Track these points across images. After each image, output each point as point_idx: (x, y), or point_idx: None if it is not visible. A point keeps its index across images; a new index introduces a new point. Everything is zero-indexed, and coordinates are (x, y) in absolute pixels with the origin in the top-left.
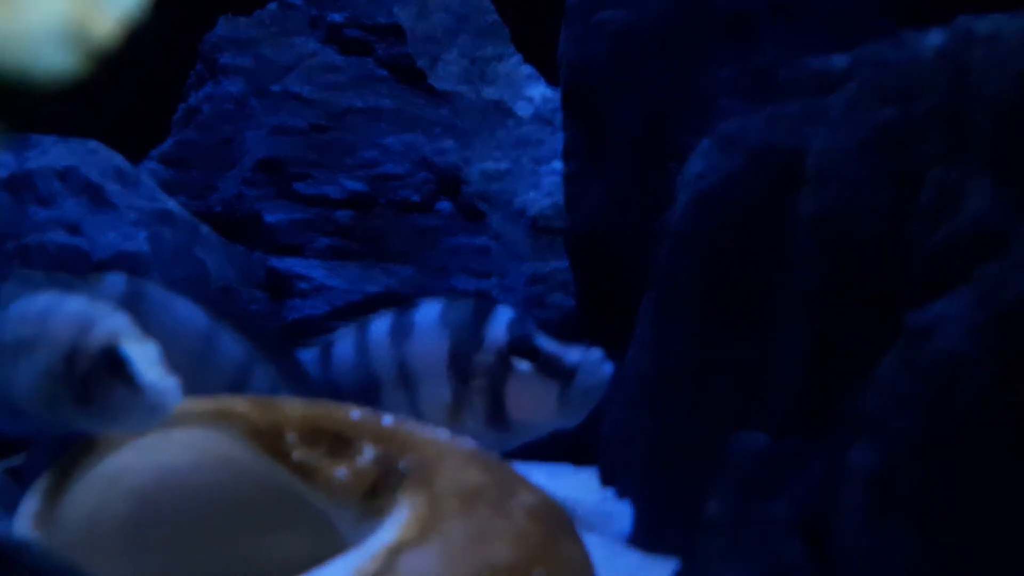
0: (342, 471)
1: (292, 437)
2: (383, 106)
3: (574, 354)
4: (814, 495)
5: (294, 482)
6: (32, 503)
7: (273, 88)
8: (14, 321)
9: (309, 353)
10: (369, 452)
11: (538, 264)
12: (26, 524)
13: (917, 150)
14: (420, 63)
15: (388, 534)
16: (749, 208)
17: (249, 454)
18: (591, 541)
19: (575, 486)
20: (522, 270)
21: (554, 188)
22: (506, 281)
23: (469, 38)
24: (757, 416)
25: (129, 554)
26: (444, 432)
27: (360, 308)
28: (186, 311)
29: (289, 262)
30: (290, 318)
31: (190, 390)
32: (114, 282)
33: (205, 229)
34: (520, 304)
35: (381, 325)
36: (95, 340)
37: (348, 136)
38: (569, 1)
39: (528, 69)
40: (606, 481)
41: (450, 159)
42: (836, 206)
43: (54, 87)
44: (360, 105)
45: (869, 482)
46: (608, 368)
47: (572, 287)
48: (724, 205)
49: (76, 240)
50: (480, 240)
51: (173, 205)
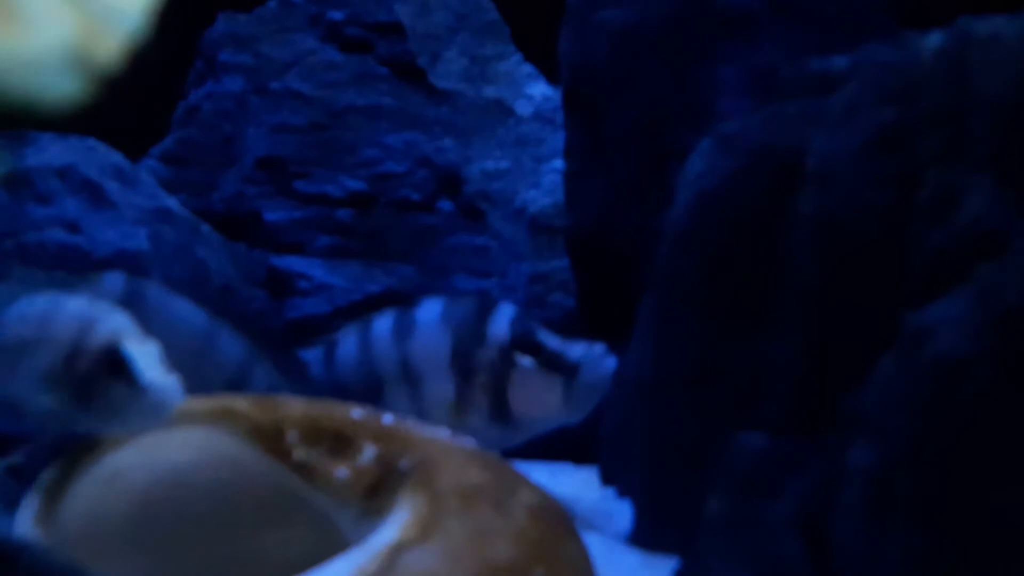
0: (343, 470)
1: (293, 436)
2: (383, 104)
3: (577, 349)
4: (813, 495)
5: (295, 481)
6: (33, 501)
7: (273, 86)
8: (15, 321)
9: (312, 352)
10: (370, 451)
11: (538, 263)
12: (27, 522)
13: (917, 151)
14: (420, 61)
15: (389, 533)
16: (749, 208)
17: (250, 453)
18: (591, 540)
19: (575, 485)
20: (522, 269)
21: (554, 187)
22: (506, 280)
23: (469, 36)
24: (757, 416)
25: (130, 553)
26: (444, 431)
27: (361, 307)
28: (185, 310)
29: (289, 261)
30: (290, 317)
31: (189, 389)
32: (113, 281)
33: (205, 227)
34: (521, 303)
35: (383, 323)
36: (96, 340)
37: (348, 134)
38: (569, 0)
39: (528, 68)
40: (606, 480)
41: (450, 158)
42: (836, 206)
43: (59, 111)
44: (360, 103)
45: (868, 482)
46: (611, 362)
47: (572, 286)
48: (724, 205)
49: (75, 238)
50: (480, 239)
51: (173, 203)
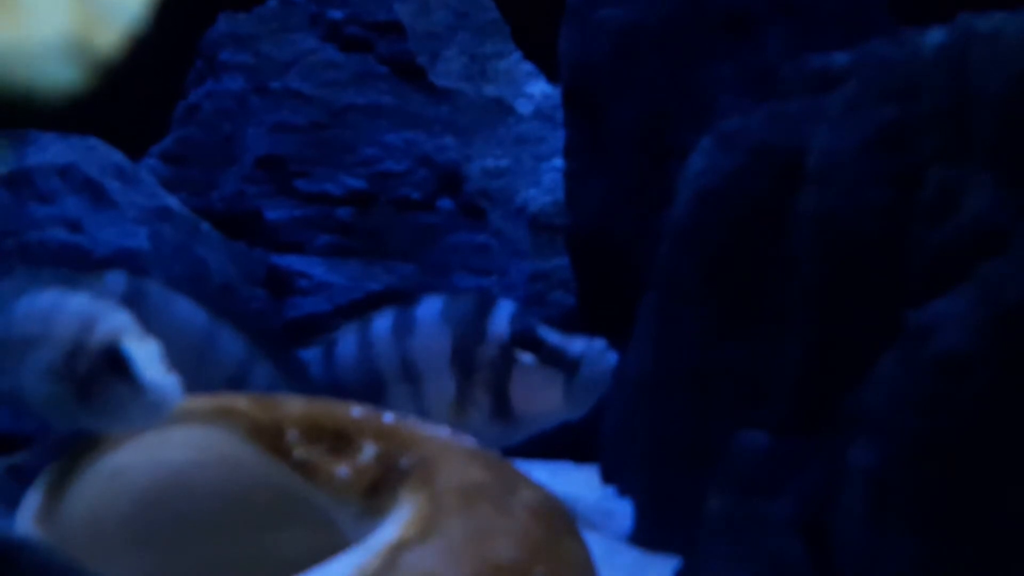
0: (343, 469)
1: (293, 435)
2: (383, 103)
3: (577, 345)
4: (814, 494)
5: (295, 480)
6: (34, 500)
7: (273, 85)
8: (19, 317)
9: (312, 351)
10: (370, 450)
11: (539, 262)
12: (27, 521)
13: (918, 148)
14: (420, 60)
15: (390, 531)
16: (749, 206)
17: (250, 452)
18: (592, 539)
19: (575, 484)
20: (523, 268)
21: (554, 185)
22: (507, 279)
23: (469, 35)
24: (758, 415)
25: (130, 552)
26: (444, 430)
27: (361, 305)
28: (186, 309)
29: (289, 259)
30: (291, 316)
31: (189, 388)
32: (114, 280)
33: (205, 226)
34: (522, 301)
35: (383, 322)
36: (97, 338)
37: (348, 133)
38: None
39: (528, 66)
40: (606, 479)
41: (450, 156)
42: (837, 204)
43: (59, 101)
44: (360, 102)
45: (869, 481)
46: (612, 358)
47: (573, 285)
48: (725, 203)
49: (77, 238)
50: (481, 238)
51: (173, 202)
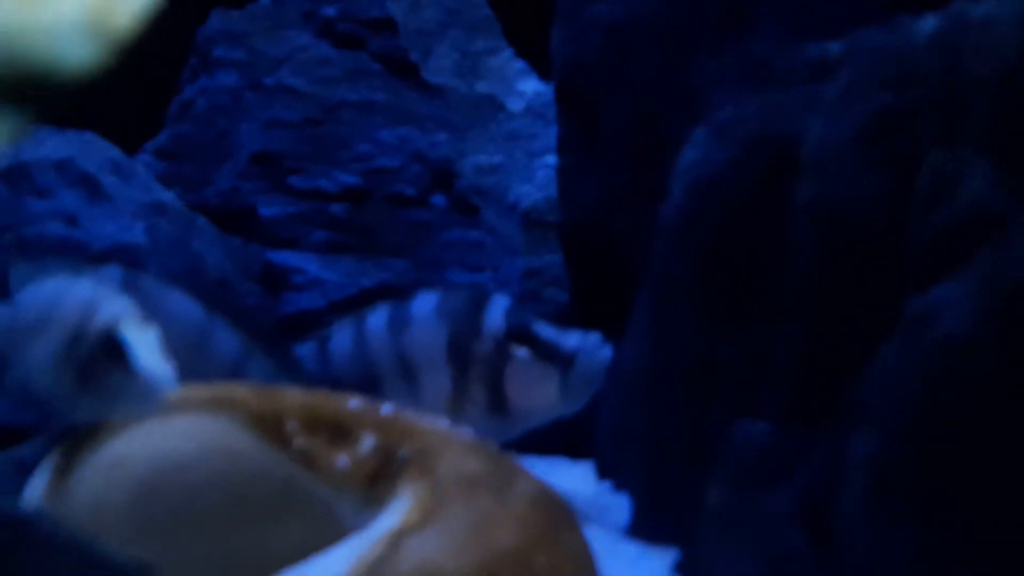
0: (343, 459)
1: (293, 425)
2: (376, 100)
3: (573, 339)
4: (815, 484)
5: (295, 470)
6: (36, 490)
7: (267, 81)
8: (26, 302)
9: (306, 347)
10: (369, 441)
11: (532, 258)
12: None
13: (913, 135)
14: (413, 57)
15: (391, 520)
16: (744, 196)
17: (251, 441)
18: (589, 532)
19: (571, 479)
20: (516, 264)
21: (547, 182)
22: (500, 275)
23: (461, 32)
24: (757, 406)
25: (131, 542)
26: (442, 421)
27: (355, 301)
28: (181, 303)
29: (284, 255)
30: (286, 311)
31: (185, 382)
32: (110, 274)
33: (201, 221)
34: (515, 298)
35: (378, 317)
36: (97, 324)
37: (342, 130)
38: None
39: (519, 63)
40: (602, 474)
41: (443, 153)
42: (833, 193)
43: (78, 80)
44: (353, 99)
45: (870, 470)
46: (607, 351)
47: (566, 281)
48: (719, 194)
49: (73, 232)
50: (474, 234)
51: (169, 197)
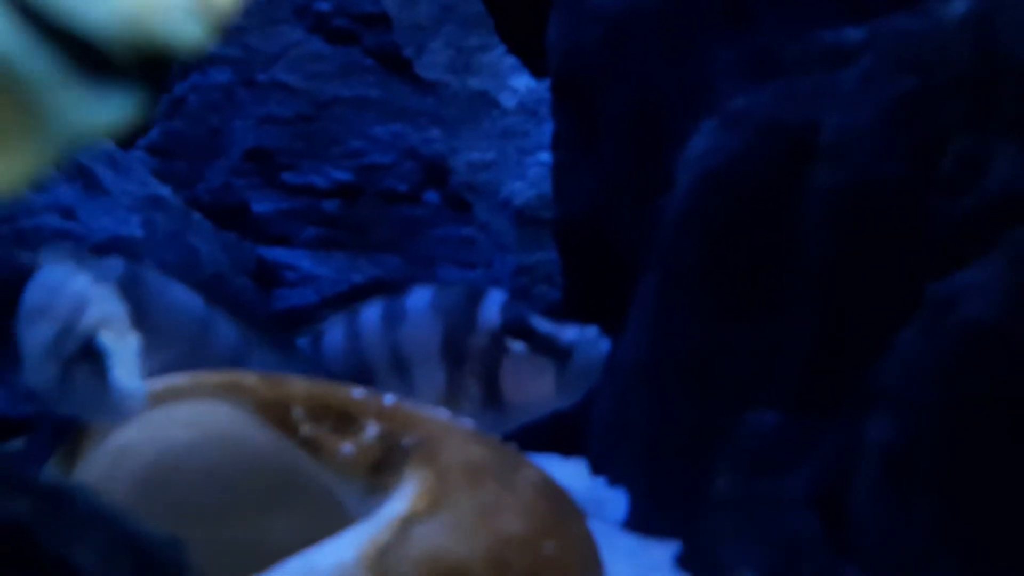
0: (348, 446)
1: (299, 412)
2: (370, 95)
3: (570, 332)
4: (828, 470)
5: (301, 456)
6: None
7: (260, 77)
8: (32, 289)
9: (299, 342)
10: (373, 429)
11: (524, 255)
12: None
13: (938, 119)
14: (406, 53)
15: (398, 506)
16: (757, 185)
17: (257, 428)
18: (588, 525)
19: (565, 475)
20: (508, 261)
21: (539, 179)
22: (492, 271)
23: (454, 28)
24: (767, 394)
25: None
26: (443, 412)
27: (347, 297)
28: (182, 295)
29: (276, 252)
30: (278, 307)
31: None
32: (111, 266)
33: (197, 216)
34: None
35: (372, 312)
36: (83, 324)
37: (335, 126)
38: None
39: (512, 60)
40: (596, 470)
41: (436, 149)
42: (853, 178)
43: (190, 56)
44: (347, 94)
45: (888, 456)
46: (605, 344)
47: (558, 279)
48: (731, 183)
49: (70, 224)
50: (466, 230)
51: (165, 191)
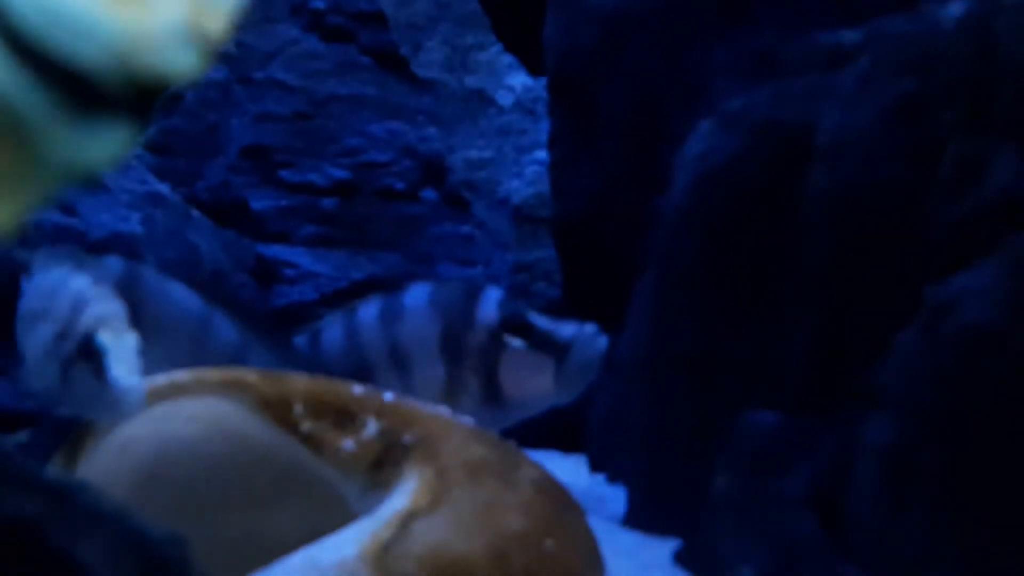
0: (348, 443)
1: (300, 409)
2: (366, 93)
3: (568, 329)
4: (826, 471)
5: (302, 452)
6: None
7: (257, 75)
8: (33, 291)
9: (298, 340)
10: (373, 426)
11: (522, 253)
12: None
13: (937, 122)
14: (403, 51)
15: (399, 502)
16: (754, 185)
17: (259, 424)
18: (588, 522)
19: (564, 472)
20: (506, 259)
21: (537, 177)
22: (490, 269)
23: (451, 26)
24: (766, 394)
25: None
26: (444, 409)
27: (346, 294)
28: (181, 294)
29: (275, 249)
30: (277, 304)
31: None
32: (111, 264)
33: (196, 213)
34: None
35: (370, 309)
36: (81, 325)
37: (332, 124)
38: None
39: (508, 58)
40: (596, 467)
41: (434, 147)
42: (850, 180)
43: (182, 86)
44: (343, 92)
45: (887, 457)
46: (603, 341)
47: (556, 276)
48: (729, 183)
49: (71, 221)
50: (464, 228)
51: (164, 188)
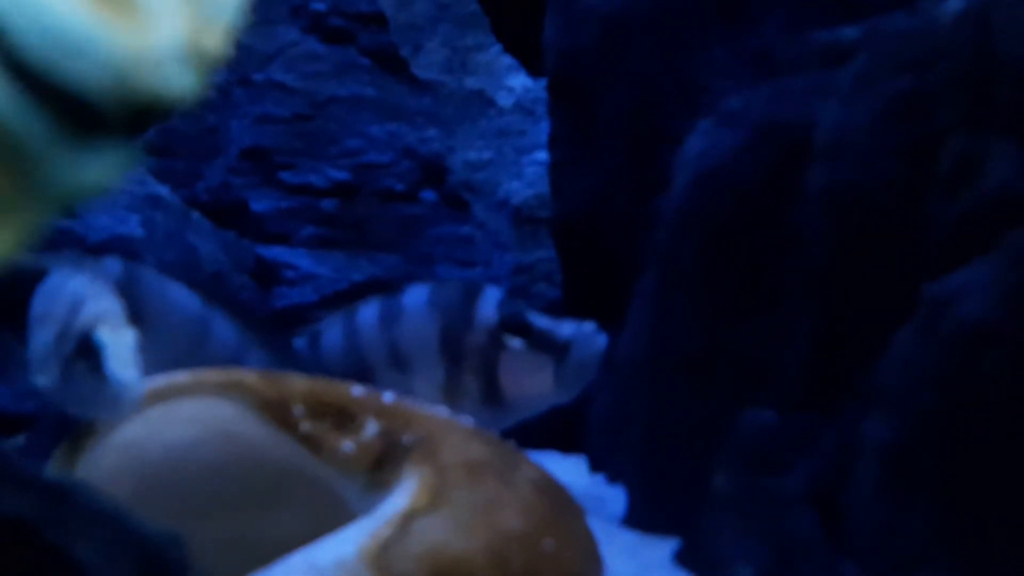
0: (348, 443)
1: (299, 410)
2: (366, 95)
3: (567, 328)
4: (826, 469)
5: (302, 454)
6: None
7: (256, 77)
8: (38, 297)
9: (297, 341)
10: (372, 426)
11: (522, 254)
12: None
13: (935, 119)
14: (402, 52)
15: (399, 502)
16: (753, 184)
17: (259, 425)
18: (588, 522)
19: (564, 472)
20: (506, 260)
21: (536, 178)
22: (491, 270)
23: (450, 27)
24: (765, 394)
25: None
26: (443, 409)
27: (346, 295)
28: (180, 295)
29: (275, 251)
30: (278, 306)
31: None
32: (110, 266)
33: (196, 215)
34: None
35: (370, 310)
36: (79, 323)
37: (332, 125)
38: None
39: (508, 59)
40: (595, 467)
41: (433, 148)
42: (849, 178)
43: (181, 106)
44: (343, 94)
45: (885, 456)
46: (602, 340)
47: (556, 277)
48: (728, 182)
49: (70, 223)
50: (464, 229)
51: (164, 190)
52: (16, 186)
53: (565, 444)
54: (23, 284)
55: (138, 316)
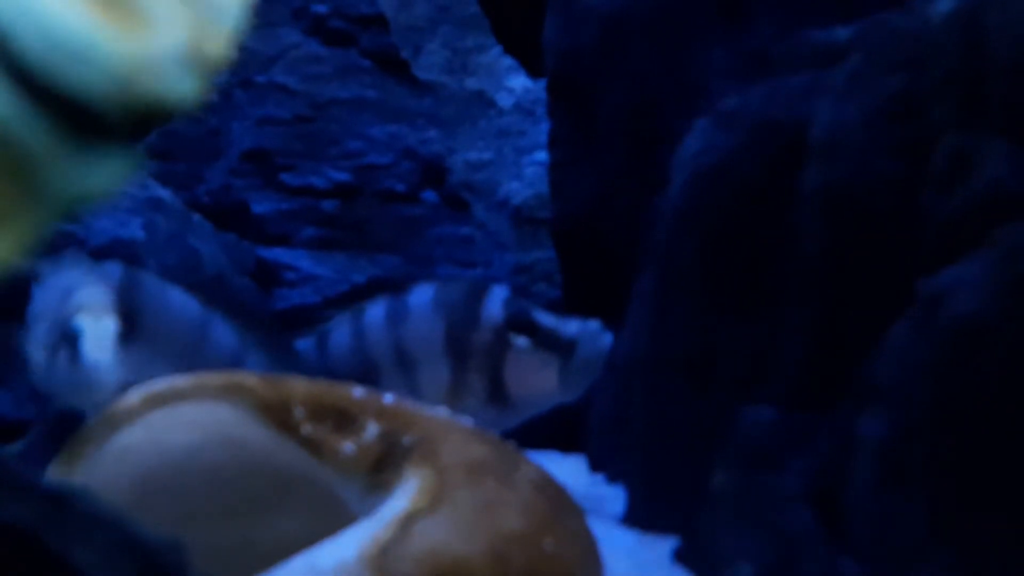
0: (348, 445)
1: (299, 412)
2: (367, 96)
3: (572, 326)
4: (824, 466)
5: (302, 456)
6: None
7: (258, 79)
8: (37, 298)
9: (305, 341)
10: (373, 428)
11: (522, 254)
12: None
13: (928, 117)
14: (403, 54)
15: (399, 503)
16: (750, 183)
17: (259, 427)
18: (587, 521)
19: (564, 472)
20: (506, 260)
21: (536, 179)
22: (491, 271)
23: (451, 28)
24: (763, 391)
25: None
26: (443, 410)
27: (350, 296)
28: (180, 299)
29: (276, 252)
30: (279, 307)
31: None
32: (111, 270)
33: (197, 217)
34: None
35: (376, 310)
36: (65, 311)
37: (333, 126)
38: None
39: (508, 60)
40: (595, 466)
41: (434, 149)
42: (844, 177)
43: (184, 112)
44: (344, 96)
45: (882, 452)
46: (607, 338)
47: (556, 277)
48: (725, 181)
49: (72, 226)
50: (465, 230)
51: (165, 193)
52: (18, 191)
53: (565, 444)
54: (22, 288)
55: (139, 320)
